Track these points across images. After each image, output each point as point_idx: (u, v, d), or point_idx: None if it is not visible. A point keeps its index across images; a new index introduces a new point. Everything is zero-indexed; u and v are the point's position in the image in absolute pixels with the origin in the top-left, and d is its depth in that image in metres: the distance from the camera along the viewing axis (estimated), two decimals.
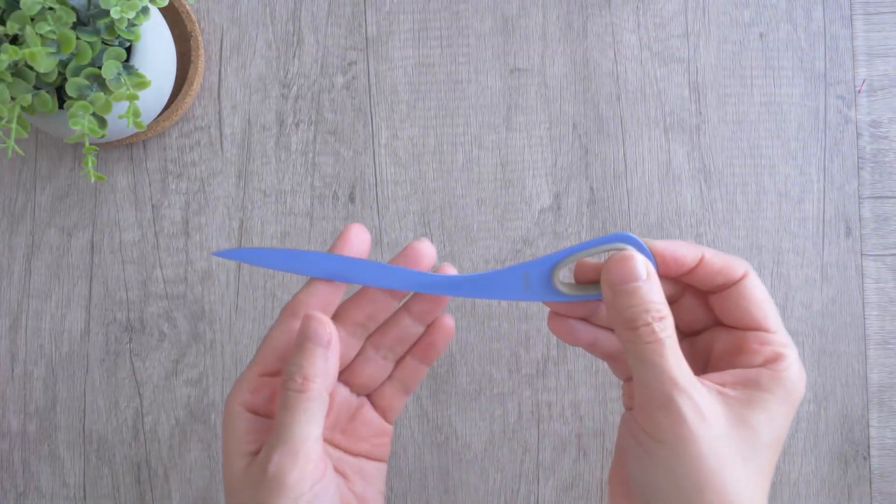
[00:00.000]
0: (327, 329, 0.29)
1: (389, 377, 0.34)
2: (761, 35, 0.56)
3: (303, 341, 0.29)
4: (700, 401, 0.26)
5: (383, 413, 0.34)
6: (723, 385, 0.28)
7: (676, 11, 0.56)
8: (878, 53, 0.56)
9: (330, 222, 0.55)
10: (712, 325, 0.32)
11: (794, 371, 0.28)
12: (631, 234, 0.30)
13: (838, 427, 0.54)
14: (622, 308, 0.28)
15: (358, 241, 0.31)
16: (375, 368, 0.33)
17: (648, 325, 0.27)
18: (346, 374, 0.33)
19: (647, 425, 0.27)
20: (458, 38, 0.56)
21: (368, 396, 0.34)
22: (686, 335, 0.34)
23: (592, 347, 0.33)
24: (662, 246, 0.30)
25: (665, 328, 0.27)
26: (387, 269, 0.31)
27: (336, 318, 0.32)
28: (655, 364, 0.26)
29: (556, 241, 0.55)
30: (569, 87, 0.56)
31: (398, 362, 0.34)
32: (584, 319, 0.33)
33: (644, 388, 0.27)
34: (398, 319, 0.33)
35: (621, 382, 0.35)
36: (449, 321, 0.33)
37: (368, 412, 0.34)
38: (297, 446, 0.27)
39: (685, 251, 0.30)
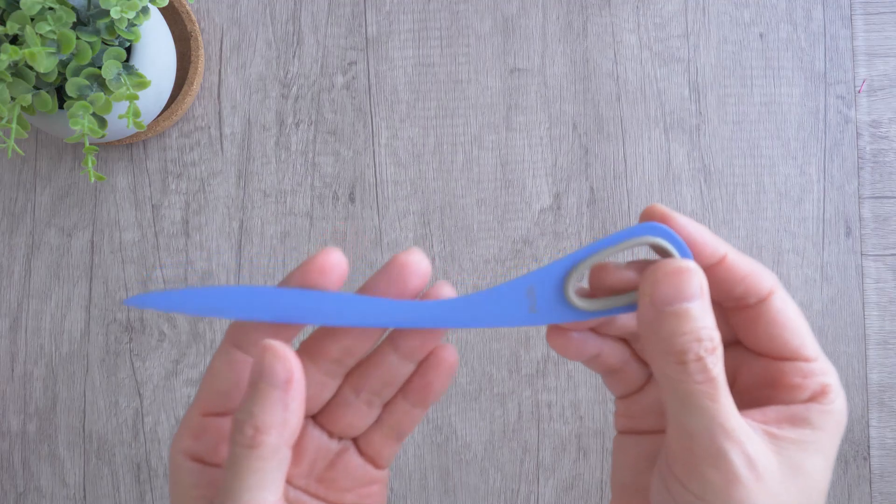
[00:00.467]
0: (287, 365, 0.22)
1: (377, 421, 0.27)
2: (761, 35, 0.56)
3: (256, 381, 0.22)
4: (752, 451, 0.22)
5: (372, 460, 0.28)
6: (767, 424, 0.23)
7: (676, 11, 0.56)
8: (878, 53, 0.56)
9: (330, 222, 0.55)
10: (730, 343, 0.26)
11: (841, 401, 0.24)
12: (663, 226, 0.23)
13: None
14: (669, 336, 0.22)
15: (327, 281, 0.24)
16: (357, 415, 0.26)
17: (700, 359, 0.22)
18: (320, 418, 0.27)
19: (688, 480, 0.22)
20: (458, 38, 0.56)
21: (353, 440, 0.28)
22: None
23: (593, 361, 0.28)
24: (693, 232, 0.24)
25: (717, 362, 0.22)
26: (348, 301, 0.24)
27: (303, 351, 0.25)
28: (706, 410, 0.22)
29: (556, 241, 0.55)
30: (569, 87, 0.56)
31: (386, 405, 0.27)
32: (592, 329, 0.27)
33: (686, 436, 0.22)
34: (382, 356, 0.26)
35: (615, 399, 0.30)
36: (449, 355, 0.26)
37: (352, 459, 0.27)
38: None
39: (710, 241, 0.24)
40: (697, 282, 0.22)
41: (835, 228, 0.55)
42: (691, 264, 0.22)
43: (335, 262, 0.24)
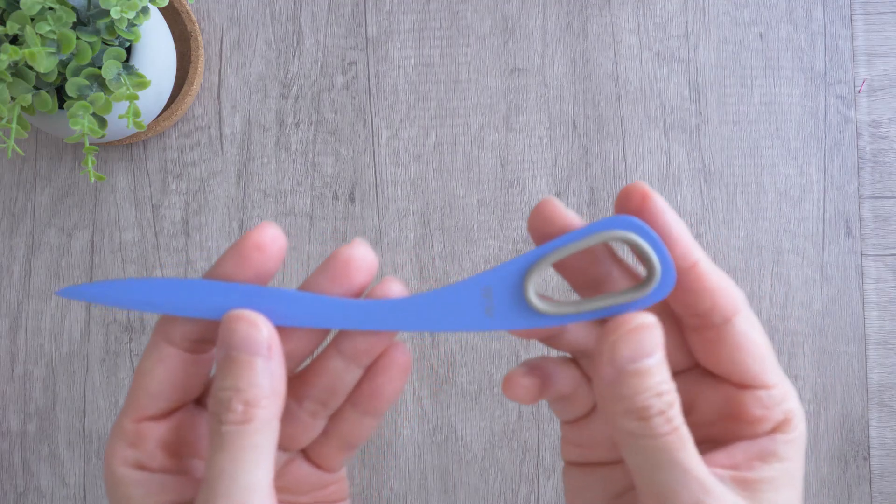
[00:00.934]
0: (265, 331, 0.21)
1: (325, 433, 0.25)
2: (761, 35, 0.56)
3: (232, 354, 0.21)
4: None
5: (323, 468, 0.26)
6: (737, 469, 0.22)
7: (676, 11, 0.56)
8: (878, 53, 0.56)
9: (330, 222, 0.55)
10: (688, 368, 0.24)
11: (803, 424, 0.23)
12: (635, 220, 0.21)
13: (838, 427, 0.54)
14: (629, 395, 0.21)
15: (266, 258, 0.22)
16: (300, 428, 0.24)
17: (662, 412, 0.21)
18: None
19: None
20: (458, 38, 0.56)
21: (301, 450, 0.25)
22: None
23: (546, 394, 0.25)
24: (671, 224, 0.22)
25: (678, 412, 0.21)
26: (285, 298, 0.22)
27: None
28: (677, 463, 0.20)
29: None
30: (569, 87, 0.56)
31: (334, 416, 0.25)
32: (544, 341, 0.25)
33: (661, 495, 0.20)
34: (325, 361, 0.23)
35: (560, 423, 0.27)
36: (401, 354, 0.23)
37: (301, 467, 0.25)
38: (246, 498, 0.20)
39: (684, 242, 0.22)
40: (657, 336, 0.21)
41: (835, 228, 0.55)
42: (648, 319, 0.21)
43: (272, 237, 0.22)
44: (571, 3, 0.56)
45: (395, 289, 0.22)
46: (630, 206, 0.22)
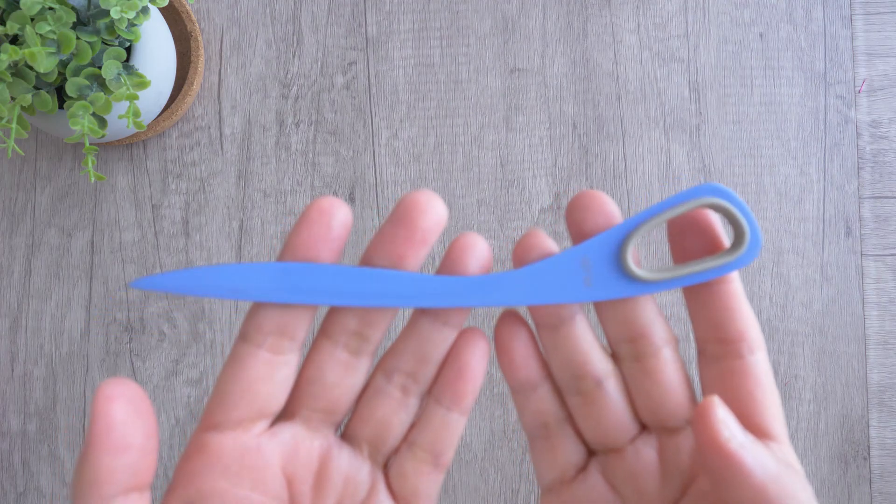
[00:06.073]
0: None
1: (408, 443, 0.23)
2: (761, 35, 0.56)
3: None
4: None
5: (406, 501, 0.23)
6: None
7: (676, 11, 0.56)
8: (878, 53, 0.56)
9: None
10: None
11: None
12: (720, 186, 0.21)
13: (838, 427, 0.54)
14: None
15: (324, 238, 0.20)
16: (390, 407, 0.22)
17: None
18: (353, 420, 0.23)
19: None
20: (458, 38, 0.56)
21: (384, 473, 0.23)
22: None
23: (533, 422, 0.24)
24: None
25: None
26: (377, 277, 0.21)
27: (321, 332, 0.22)
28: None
29: (556, 241, 0.55)
30: (569, 87, 0.56)
31: (417, 421, 0.23)
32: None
33: None
34: (413, 325, 0.22)
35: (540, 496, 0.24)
36: (478, 334, 0.23)
37: (384, 501, 0.23)
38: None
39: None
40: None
41: (835, 228, 0.55)
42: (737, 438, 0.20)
43: (336, 211, 0.21)
44: (571, 3, 0.56)
45: (478, 249, 0.22)
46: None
